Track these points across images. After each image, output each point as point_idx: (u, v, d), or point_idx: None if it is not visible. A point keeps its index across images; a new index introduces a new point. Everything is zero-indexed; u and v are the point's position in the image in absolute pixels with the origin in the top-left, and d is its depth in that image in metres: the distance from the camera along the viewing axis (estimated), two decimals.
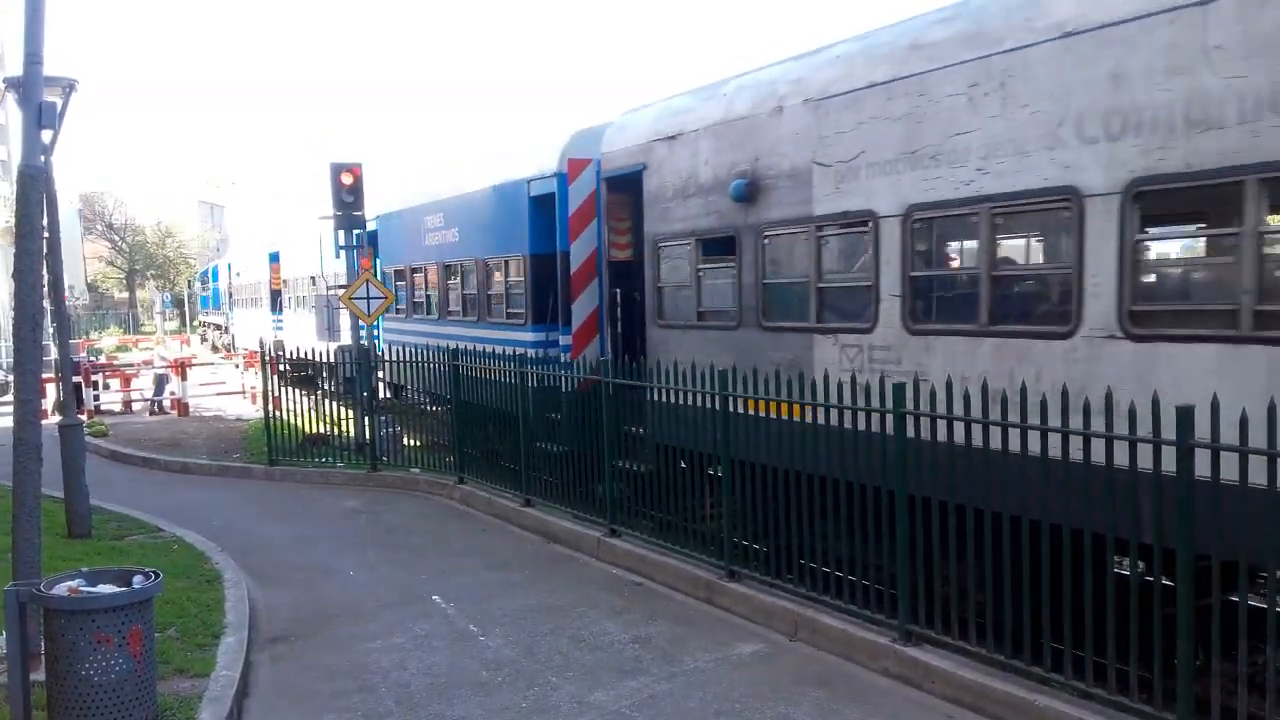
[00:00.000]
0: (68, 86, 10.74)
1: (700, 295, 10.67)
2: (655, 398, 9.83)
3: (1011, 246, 8.12)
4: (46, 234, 9.07)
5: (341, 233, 16.30)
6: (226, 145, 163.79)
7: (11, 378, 7.81)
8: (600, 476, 10.56)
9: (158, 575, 5.86)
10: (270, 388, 16.20)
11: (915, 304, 8.16)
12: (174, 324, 69.87)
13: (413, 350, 14.99)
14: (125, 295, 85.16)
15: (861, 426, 7.34)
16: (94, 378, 24.45)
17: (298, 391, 16.35)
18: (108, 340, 55.87)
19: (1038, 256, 8.12)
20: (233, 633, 7.85)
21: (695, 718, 6.41)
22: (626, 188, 11.95)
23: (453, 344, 14.29)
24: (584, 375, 10.88)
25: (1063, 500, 6.03)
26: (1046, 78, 7.04)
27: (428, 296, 18.14)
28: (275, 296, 31.56)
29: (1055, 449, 6.09)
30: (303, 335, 24.94)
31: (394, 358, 15.61)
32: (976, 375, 7.30)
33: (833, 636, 7.44)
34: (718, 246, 10.33)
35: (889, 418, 7.02)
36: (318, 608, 9.00)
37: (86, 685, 5.43)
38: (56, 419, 12.51)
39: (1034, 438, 6.21)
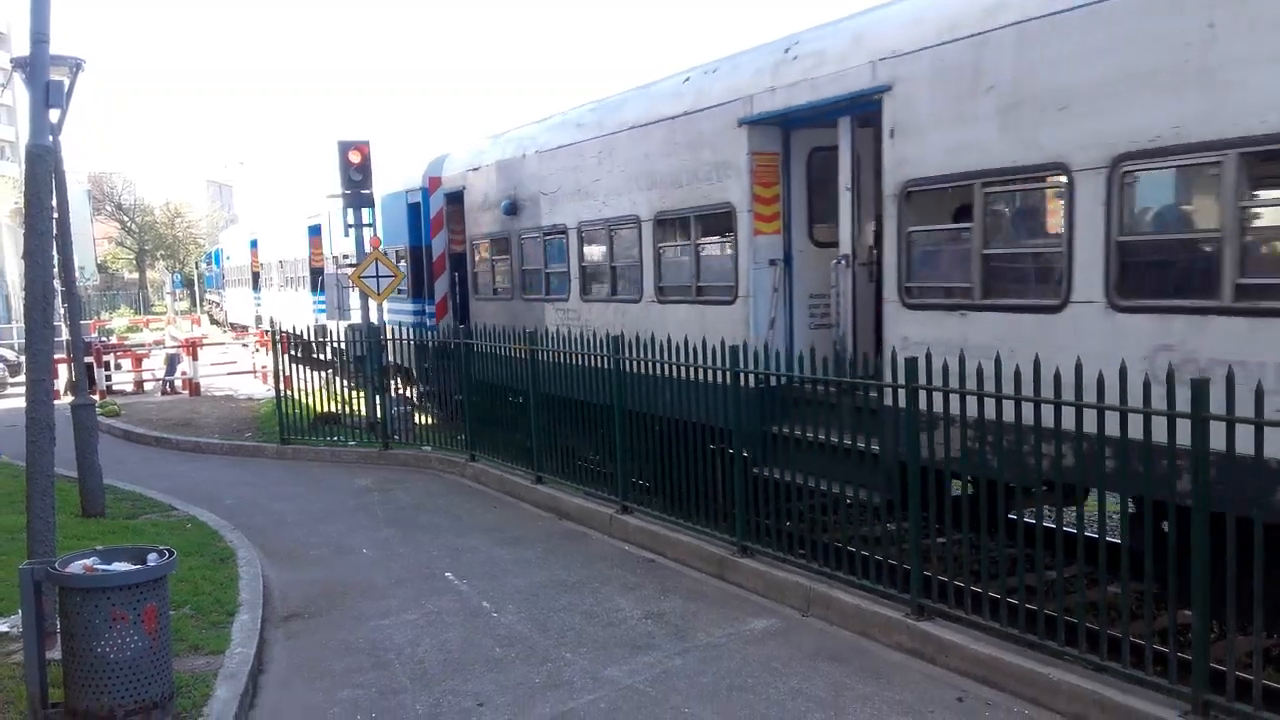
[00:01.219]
0: (74, 66, 10.71)
1: (494, 278, 15.64)
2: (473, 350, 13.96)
3: (619, 250, 12.13)
4: (56, 214, 9.06)
5: (350, 211, 16.27)
6: (235, 125, 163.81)
7: (24, 358, 7.83)
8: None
9: (172, 553, 5.87)
10: (281, 367, 16.22)
11: (584, 283, 12.92)
12: (184, 304, 70.07)
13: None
14: (135, 276, 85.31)
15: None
16: (105, 358, 24.52)
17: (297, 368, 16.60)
18: (119, 321, 56.06)
19: (628, 256, 11.95)
20: (247, 610, 7.89)
21: (709, 692, 6.42)
22: (458, 201, 16.61)
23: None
24: (440, 339, 15.08)
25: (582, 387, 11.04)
26: (626, 152, 11.69)
27: None
28: (255, 278, 35.95)
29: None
30: (276, 311, 28.21)
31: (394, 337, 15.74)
32: (606, 326, 11.82)
33: (846, 612, 7.43)
34: (500, 245, 15.16)
35: (530, 352, 11.95)
36: (331, 585, 9.03)
37: (102, 662, 5.45)
38: (69, 399, 12.55)
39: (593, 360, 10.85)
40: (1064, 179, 6.75)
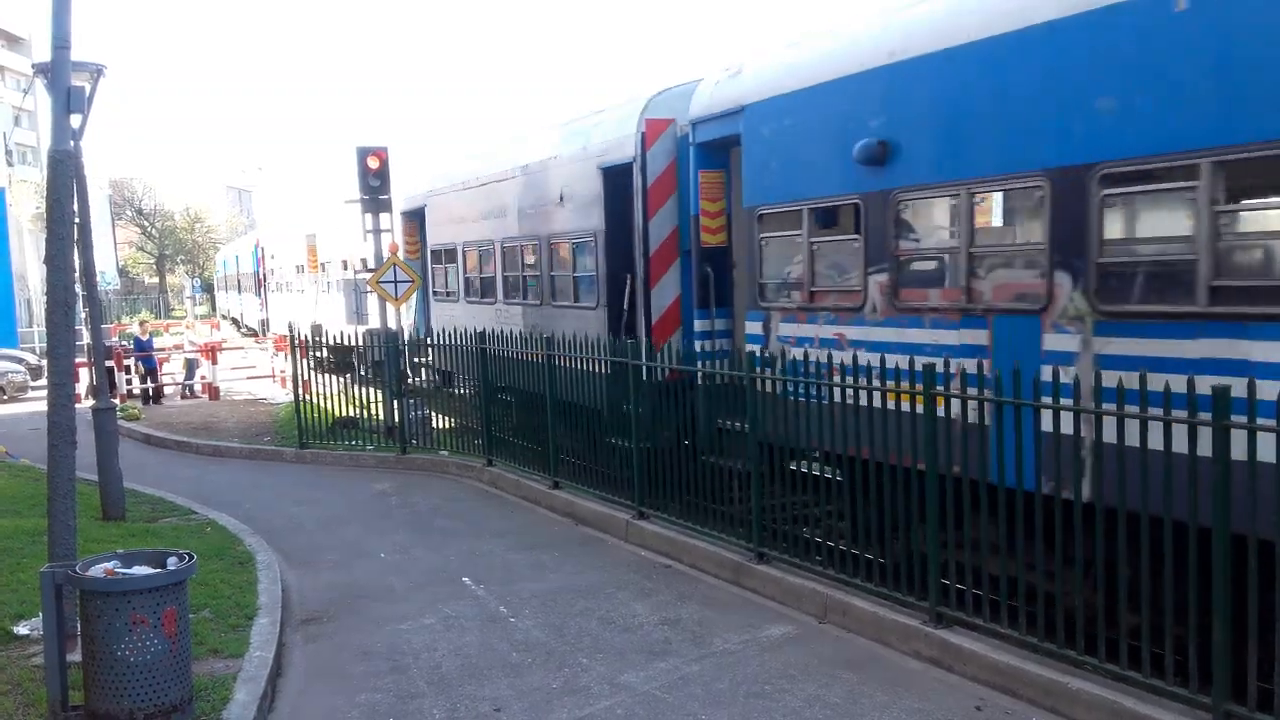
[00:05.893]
0: (95, 71, 10.80)
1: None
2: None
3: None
4: (77, 219, 9.13)
5: (368, 217, 16.35)
6: (254, 131, 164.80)
7: (45, 362, 7.89)
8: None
9: (192, 557, 5.90)
10: (299, 371, 16.29)
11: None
12: (204, 308, 70.38)
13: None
14: (155, 280, 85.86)
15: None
16: (126, 362, 24.64)
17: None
18: (138, 326, 56.24)
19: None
20: (266, 614, 7.92)
21: (726, 699, 6.40)
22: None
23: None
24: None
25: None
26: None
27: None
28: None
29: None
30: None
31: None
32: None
33: (863, 619, 7.40)
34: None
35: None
36: (349, 589, 9.06)
37: (122, 665, 5.48)
38: (90, 403, 12.63)
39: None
40: None
